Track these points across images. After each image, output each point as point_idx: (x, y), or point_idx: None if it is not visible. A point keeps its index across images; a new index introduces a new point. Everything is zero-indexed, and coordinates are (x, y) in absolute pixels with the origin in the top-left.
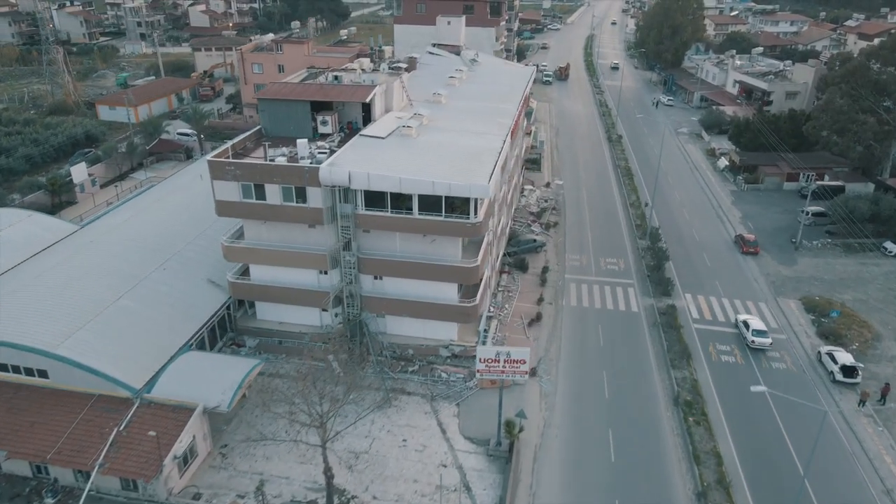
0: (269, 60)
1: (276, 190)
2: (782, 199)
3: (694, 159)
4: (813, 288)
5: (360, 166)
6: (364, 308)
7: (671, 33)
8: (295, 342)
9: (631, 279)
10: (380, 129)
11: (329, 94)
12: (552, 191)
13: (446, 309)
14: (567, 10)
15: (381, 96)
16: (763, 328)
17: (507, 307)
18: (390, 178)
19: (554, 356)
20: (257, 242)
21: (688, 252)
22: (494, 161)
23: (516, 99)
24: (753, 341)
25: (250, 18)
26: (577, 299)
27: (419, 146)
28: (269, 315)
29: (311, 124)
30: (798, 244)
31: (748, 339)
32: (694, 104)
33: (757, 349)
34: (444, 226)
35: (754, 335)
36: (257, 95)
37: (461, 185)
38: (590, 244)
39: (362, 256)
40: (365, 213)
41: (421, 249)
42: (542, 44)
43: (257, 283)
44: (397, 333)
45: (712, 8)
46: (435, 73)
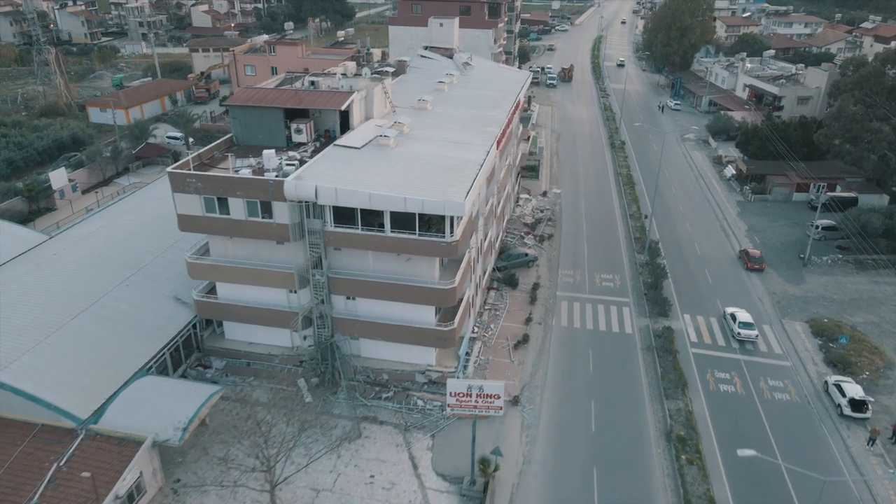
0: (262, 62)
1: (241, 204)
2: (791, 211)
3: (700, 167)
4: (821, 309)
5: (329, 180)
6: (336, 330)
7: (679, 35)
8: (264, 365)
9: (627, 297)
10: (355, 139)
11: (303, 101)
12: (549, 200)
13: (422, 333)
14: (576, 10)
15: (359, 103)
16: (750, 321)
17: (492, 327)
18: (359, 193)
19: (539, 383)
20: (223, 259)
21: (688, 268)
22: (474, 175)
23: (507, 105)
24: (739, 333)
25: (254, 19)
26: (567, 319)
27: (396, 158)
28: (237, 335)
29: (285, 133)
30: (806, 260)
31: (734, 331)
32: (702, 109)
33: (743, 341)
34: (417, 245)
35: (740, 327)
36: (227, 102)
37: (435, 201)
38: (585, 259)
39: (333, 276)
40: (334, 230)
41: (395, 269)
42: (548, 45)
43: (224, 302)
44: (372, 357)
45: (724, 9)
46: (425, 77)
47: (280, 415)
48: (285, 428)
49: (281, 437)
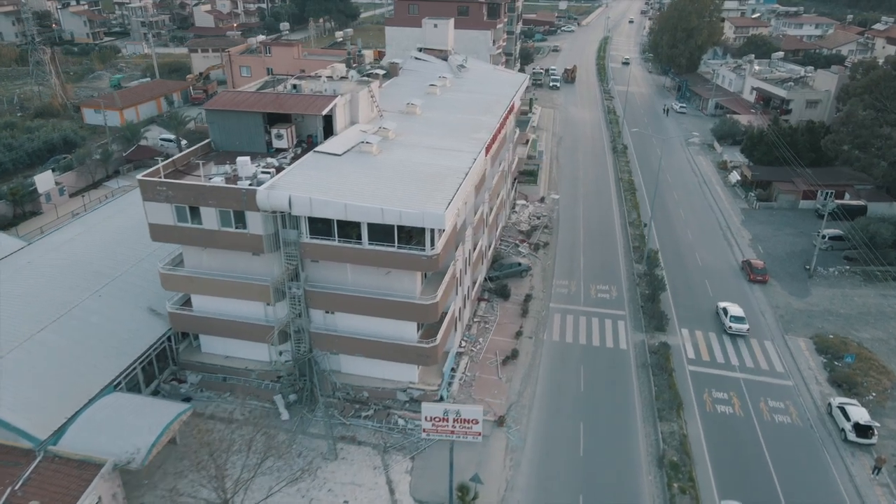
0: (258, 63)
1: (213, 214)
2: (797, 220)
3: (703, 172)
4: (826, 324)
5: (304, 189)
6: (314, 345)
7: (686, 37)
8: (241, 380)
9: (623, 310)
10: (336, 146)
11: (283, 106)
12: (546, 206)
13: (402, 349)
14: (584, 11)
15: (343, 108)
16: (741, 315)
17: (481, 341)
18: (335, 203)
19: (527, 402)
20: (197, 270)
21: (688, 279)
22: (458, 185)
23: (500, 110)
24: (730, 327)
25: (257, 19)
26: (560, 333)
27: (378, 165)
28: (214, 348)
29: (265, 138)
30: (812, 272)
31: (725, 325)
32: (708, 112)
33: (734, 334)
34: (396, 258)
35: (732, 321)
36: (205, 106)
37: (414, 213)
38: (581, 268)
39: (310, 289)
40: (310, 241)
41: (375, 282)
42: (553, 46)
43: (199, 315)
44: (352, 373)
45: (733, 10)
46: (417, 80)
47: (245, 441)
48: (245, 458)
49: (240, 467)
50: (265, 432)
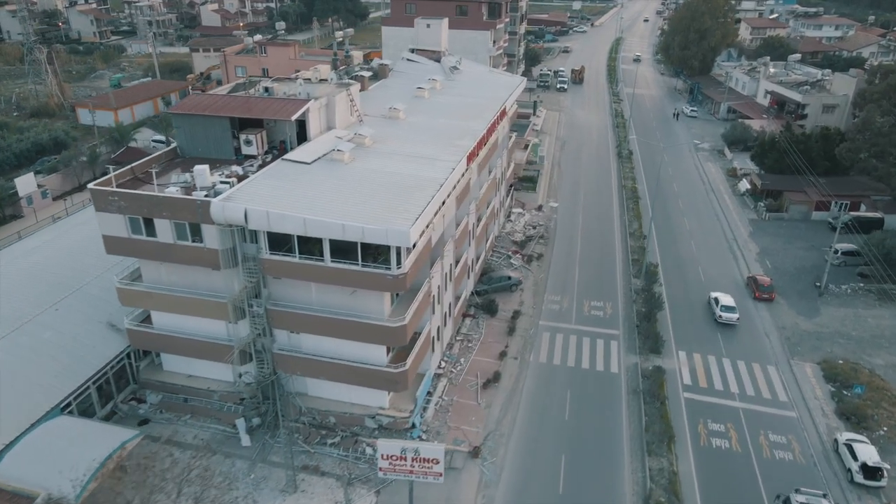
0: (253, 63)
1: (168, 226)
2: (809, 232)
3: (712, 180)
4: (836, 347)
5: (264, 201)
6: (277, 366)
7: (698, 38)
8: (202, 401)
9: (616, 329)
10: (305, 154)
11: (252, 110)
12: (544, 215)
13: (369, 374)
14: (598, 11)
15: (317, 112)
16: (732, 304)
17: (462, 362)
18: (293, 218)
19: (506, 430)
20: (156, 285)
21: (689, 296)
22: (429, 198)
23: (490, 115)
24: (720, 316)
25: (265, 18)
26: (547, 354)
27: (349, 175)
28: (176, 366)
29: (233, 144)
30: (823, 289)
31: (716, 315)
32: (720, 116)
33: (725, 323)
34: (359, 277)
35: (722, 310)
36: (170, 110)
37: (377, 229)
38: (575, 283)
39: (272, 307)
40: (270, 257)
41: (340, 302)
42: (563, 47)
43: (158, 332)
44: (319, 396)
45: (750, 10)
46: (408, 82)
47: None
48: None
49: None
50: (203, 465)
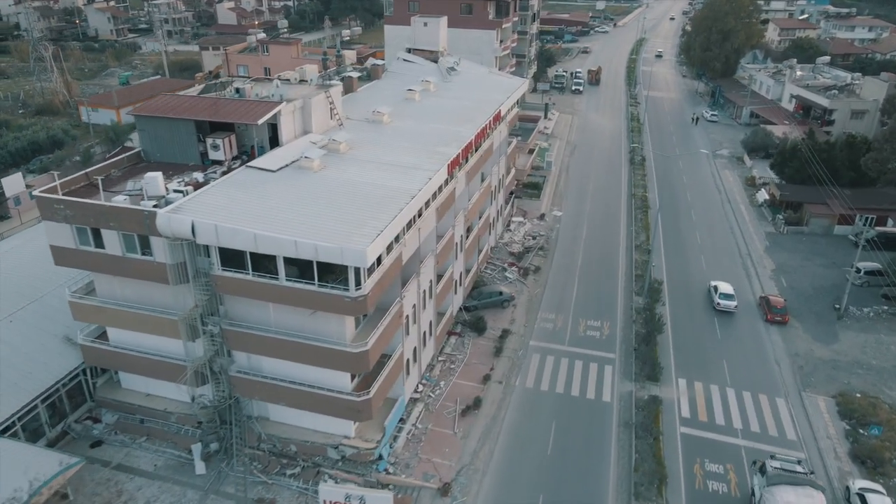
0: (255, 62)
1: (116, 238)
2: (830, 248)
3: (729, 189)
4: (854, 378)
5: (216, 213)
6: (234, 389)
7: (721, 39)
8: (159, 423)
9: (612, 352)
10: (272, 161)
11: (218, 113)
12: (546, 225)
13: (330, 401)
14: (622, 11)
15: (290, 116)
16: (731, 292)
17: (442, 385)
18: (243, 232)
19: (481, 465)
20: (108, 300)
21: (694, 316)
22: (397, 211)
23: (482, 119)
24: (719, 304)
25: (282, 16)
26: (535, 378)
27: (316, 185)
28: (135, 384)
29: (199, 149)
30: (842, 312)
31: (714, 302)
32: (742, 121)
33: (723, 311)
34: (316, 298)
35: (721, 297)
36: (133, 111)
37: (332, 247)
38: (573, 299)
39: (227, 327)
40: (222, 273)
41: (300, 323)
42: (582, 48)
43: (112, 349)
44: (282, 422)
45: (780, 11)
46: (401, 83)
47: None
48: None
49: None
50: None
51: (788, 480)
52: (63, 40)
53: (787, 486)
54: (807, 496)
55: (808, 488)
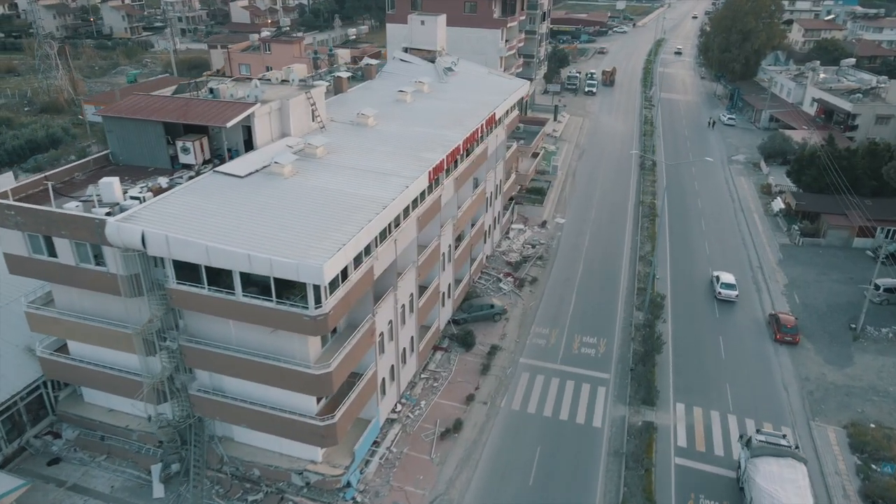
0: (257, 61)
1: (68, 246)
2: (848, 262)
3: (742, 197)
4: (869, 406)
5: (172, 223)
6: (195, 409)
7: (741, 39)
8: (120, 440)
9: (607, 372)
10: (240, 166)
11: (188, 115)
12: (547, 233)
13: (292, 425)
14: (642, 11)
15: (265, 118)
16: (732, 282)
17: (422, 405)
18: (195, 244)
19: (456, 496)
20: (66, 311)
21: (698, 335)
22: (365, 223)
23: (474, 123)
24: (720, 293)
25: (296, 15)
26: (523, 399)
27: (284, 193)
28: (98, 399)
29: (168, 152)
30: (858, 332)
31: (716, 291)
32: (761, 125)
33: (723, 300)
34: (273, 316)
35: (722, 287)
36: (99, 112)
37: (287, 263)
38: (569, 313)
39: (185, 343)
40: (176, 287)
41: (261, 341)
42: (599, 48)
43: (72, 362)
44: (246, 443)
45: (805, 11)
46: (393, 84)
47: None
48: None
49: None
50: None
51: (772, 452)
52: (78, 38)
53: (771, 457)
54: (789, 467)
55: (790, 460)
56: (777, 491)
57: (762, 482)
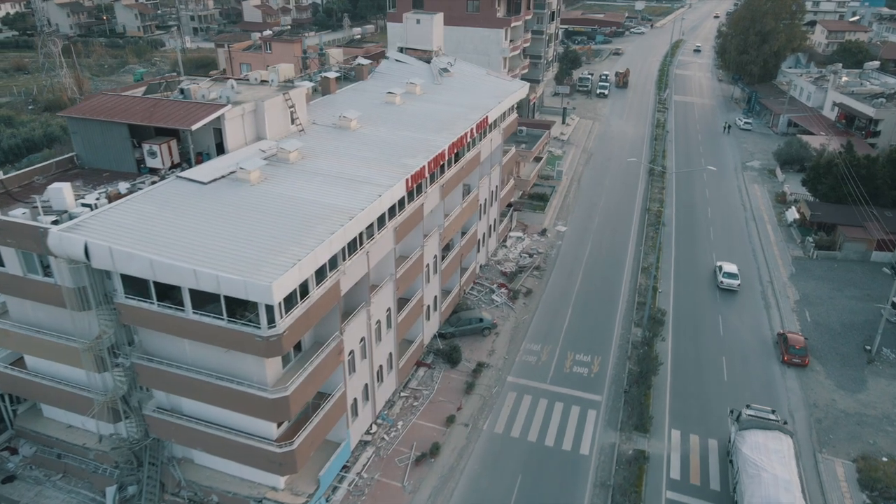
0: (258, 60)
1: (14, 255)
2: (865, 278)
3: (755, 206)
4: (882, 437)
5: (120, 233)
6: (150, 429)
7: (759, 41)
8: (77, 459)
9: (599, 394)
10: (205, 171)
11: (153, 116)
12: (547, 241)
13: (248, 451)
14: (661, 11)
15: (237, 121)
16: (734, 271)
17: (399, 426)
18: (139, 257)
19: None
20: (20, 323)
21: (699, 354)
22: (328, 235)
23: (461, 127)
24: (722, 282)
25: (309, 14)
26: (507, 422)
27: (248, 201)
28: (57, 415)
29: (135, 155)
30: (873, 354)
31: (718, 280)
32: (779, 130)
33: (725, 289)
34: (225, 335)
35: (724, 276)
36: (64, 112)
37: (234, 280)
38: (563, 328)
39: (138, 361)
40: (125, 302)
41: (217, 361)
42: (614, 49)
43: (27, 376)
44: (206, 466)
45: (830, 12)
46: (385, 85)
47: None
48: None
49: None
50: None
51: (759, 425)
52: (91, 36)
53: (758, 429)
54: (775, 439)
55: (777, 432)
56: (762, 460)
57: (748, 452)
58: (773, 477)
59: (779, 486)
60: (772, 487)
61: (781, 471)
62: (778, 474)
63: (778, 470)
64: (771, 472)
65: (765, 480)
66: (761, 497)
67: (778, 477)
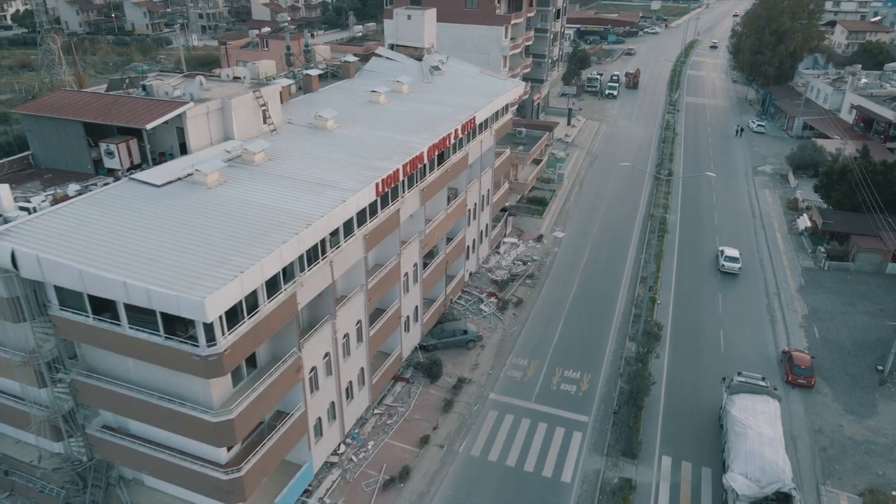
0: (255, 57)
1: None
2: (880, 291)
3: (765, 213)
4: (892, 469)
5: (53, 240)
6: (95, 449)
7: (775, 41)
8: (24, 477)
9: (587, 414)
10: (159, 174)
11: (109, 114)
12: (542, 248)
13: (192, 476)
14: (678, 11)
15: (203, 119)
16: (736, 255)
17: (370, 446)
18: (68, 268)
19: None
20: None
21: (698, 373)
22: (279, 244)
23: (444, 128)
24: (723, 265)
25: (318, 13)
26: (485, 443)
27: (202, 206)
28: (7, 429)
29: (91, 154)
30: (885, 376)
31: (719, 264)
32: (794, 133)
33: (726, 272)
34: (162, 353)
35: (725, 260)
36: (19, 109)
37: (166, 294)
38: (553, 342)
39: (78, 377)
40: (59, 314)
41: (162, 379)
42: (626, 49)
43: None
44: (157, 489)
45: (850, 12)
46: (371, 84)
47: None
48: None
49: None
50: None
51: (749, 390)
52: (100, 34)
53: (747, 394)
54: (763, 401)
55: (765, 396)
56: (748, 419)
57: (736, 413)
58: (758, 434)
59: (763, 442)
60: (756, 443)
61: (767, 430)
62: (763, 432)
63: (764, 428)
64: (756, 430)
65: (750, 437)
66: (746, 452)
67: (763, 434)
